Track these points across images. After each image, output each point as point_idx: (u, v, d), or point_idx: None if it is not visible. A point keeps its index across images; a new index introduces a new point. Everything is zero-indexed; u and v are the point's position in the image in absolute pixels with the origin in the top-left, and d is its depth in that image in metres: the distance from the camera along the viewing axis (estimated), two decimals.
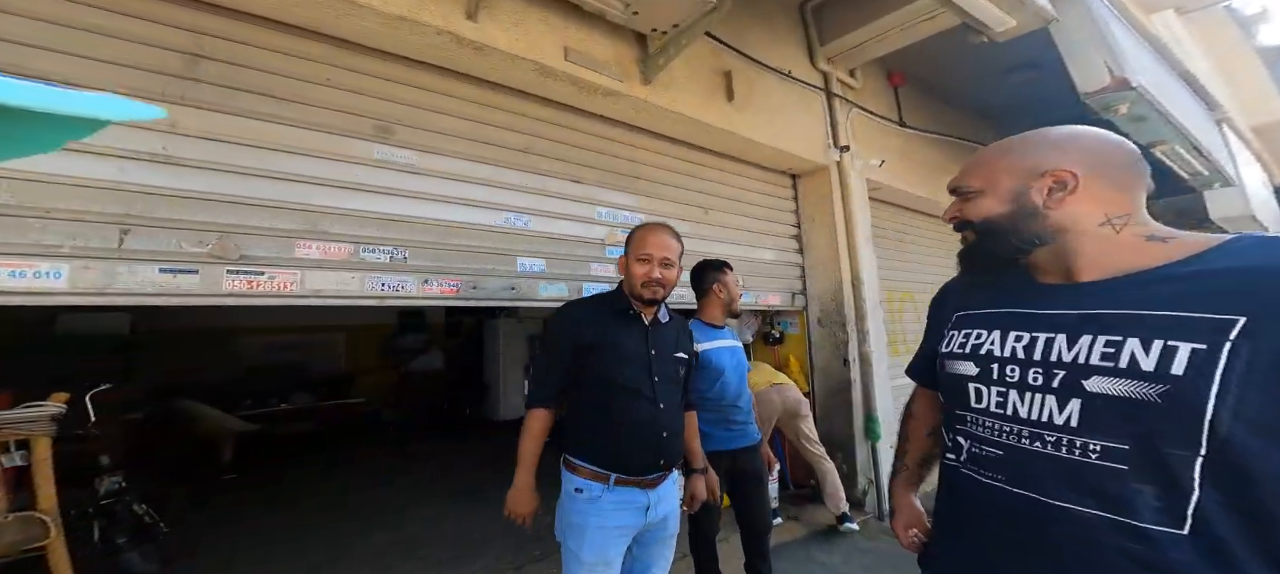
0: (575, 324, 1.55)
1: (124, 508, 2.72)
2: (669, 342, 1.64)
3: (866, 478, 3.54)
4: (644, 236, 1.58)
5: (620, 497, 1.47)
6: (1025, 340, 0.75)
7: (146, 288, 1.43)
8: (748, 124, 3.16)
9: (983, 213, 0.81)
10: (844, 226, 3.70)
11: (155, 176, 1.47)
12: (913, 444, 1.09)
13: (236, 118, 1.65)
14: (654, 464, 1.51)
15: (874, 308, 3.72)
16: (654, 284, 1.53)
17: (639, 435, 1.48)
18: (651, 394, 1.51)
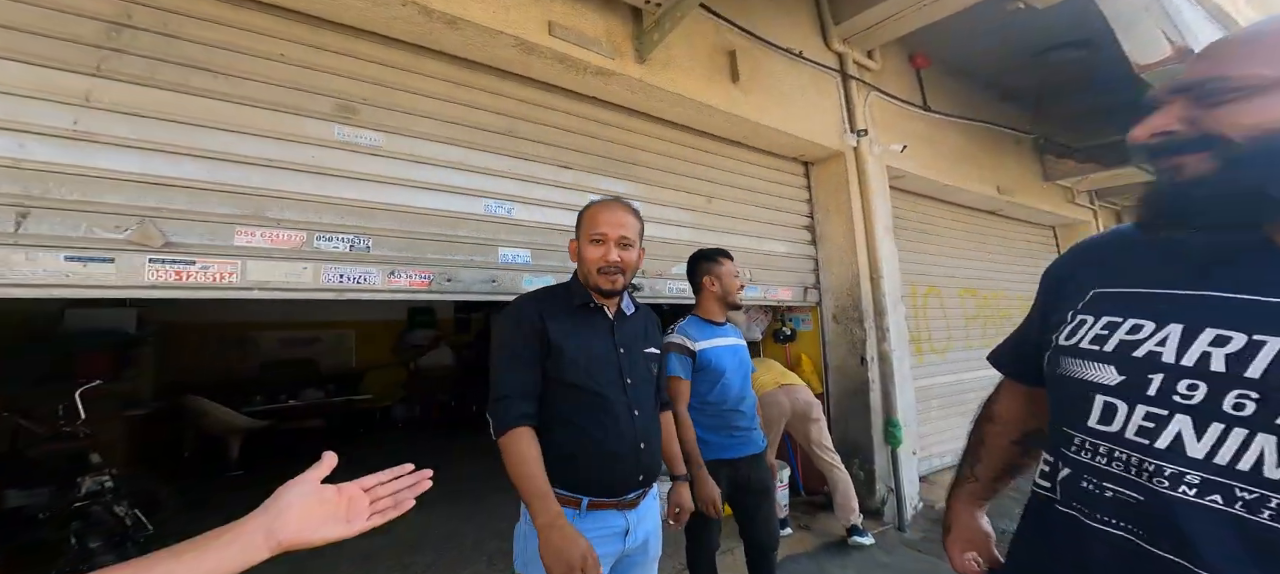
0: (540, 319, 1.29)
1: (103, 509, 2.58)
2: (636, 335, 1.42)
3: (886, 485, 3.28)
4: (595, 215, 1.34)
5: (595, 523, 1.25)
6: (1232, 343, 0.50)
7: (49, 277, 1.25)
8: (755, 107, 2.90)
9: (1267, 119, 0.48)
10: (861, 216, 3.42)
11: (63, 154, 1.29)
12: (989, 452, 0.88)
13: (165, 92, 1.46)
14: (632, 481, 1.29)
15: (895, 303, 3.44)
16: (612, 270, 1.30)
17: (614, 450, 1.26)
18: (625, 400, 1.30)
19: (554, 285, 1.46)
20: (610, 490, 1.26)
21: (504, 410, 1.21)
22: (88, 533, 2.48)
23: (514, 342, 1.27)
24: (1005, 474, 0.90)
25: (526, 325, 1.27)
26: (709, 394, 1.92)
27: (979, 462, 0.89)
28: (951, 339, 4.51)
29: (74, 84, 1.32)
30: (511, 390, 1.22)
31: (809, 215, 3.60)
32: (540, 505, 1.14)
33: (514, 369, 1.24)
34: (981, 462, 0.88)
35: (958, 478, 0.91)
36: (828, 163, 3.54)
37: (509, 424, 1.19)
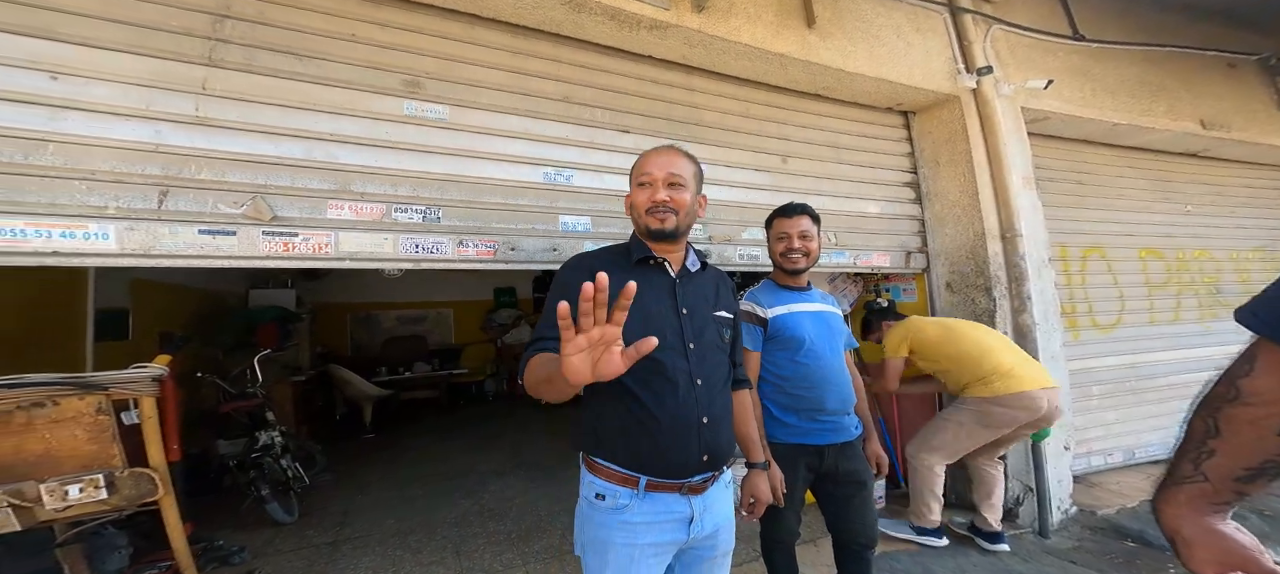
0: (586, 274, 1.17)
1: (273, 461, 3.11)
2: (705, 296, 1.28)
3: (1021, 484, 2.73)
4: (643, 160, 1.26)
5: (654, 506, 1.13)
6: None
7: (188, 249, 1.50)
8: (836, 53, 2.58)
9: None
10: (988, 167, 2.88)
11: (190, 138, 1.54)
12: (1233, 444, 0.66)
13: (262, 77, 1.67)
14: (695, 462, 1.14)
15: (1038, 268, 2.84)
16: (660, 209, 1.19)
17: (672, 423, 1.13)
18: (686, 366, 1.16)
19: (613, 245, 1.36)
20: (670, 470, 1.13)
21: (525, 355, 1.10)
22: (262, 480, 2.98)
23: (560, 294, 1.16)
24: (1261, 474, 0.65)
25: (575, 283, 1.14)
26: (785, 368, 1.68)
27: (1213, 455, 0.67)
28: (1124, 312, 3.59)
29: (193, 74, 1.56)
30: (539, 333, 1.12)
31: (911, 170, 3.13)
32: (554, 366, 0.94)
33: (549, 318, 1.12)
34: (1218, 455, 0.67)
35: (1174, 477, 0.70)
36: (936, 110, 3.03)
37: (529, 353, 1.08)
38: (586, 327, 0.76)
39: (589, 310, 0.75)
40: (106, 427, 1.48)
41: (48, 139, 1.34)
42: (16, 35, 1.34)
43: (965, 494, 2.90)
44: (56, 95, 1.37)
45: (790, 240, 1.73)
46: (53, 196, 1.32)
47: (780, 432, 1.67)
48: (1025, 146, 2.99)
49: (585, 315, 0.75)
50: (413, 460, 4.32)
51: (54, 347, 2.50)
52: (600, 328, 0.76)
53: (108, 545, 1.96)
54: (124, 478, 1.52)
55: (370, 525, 2.99)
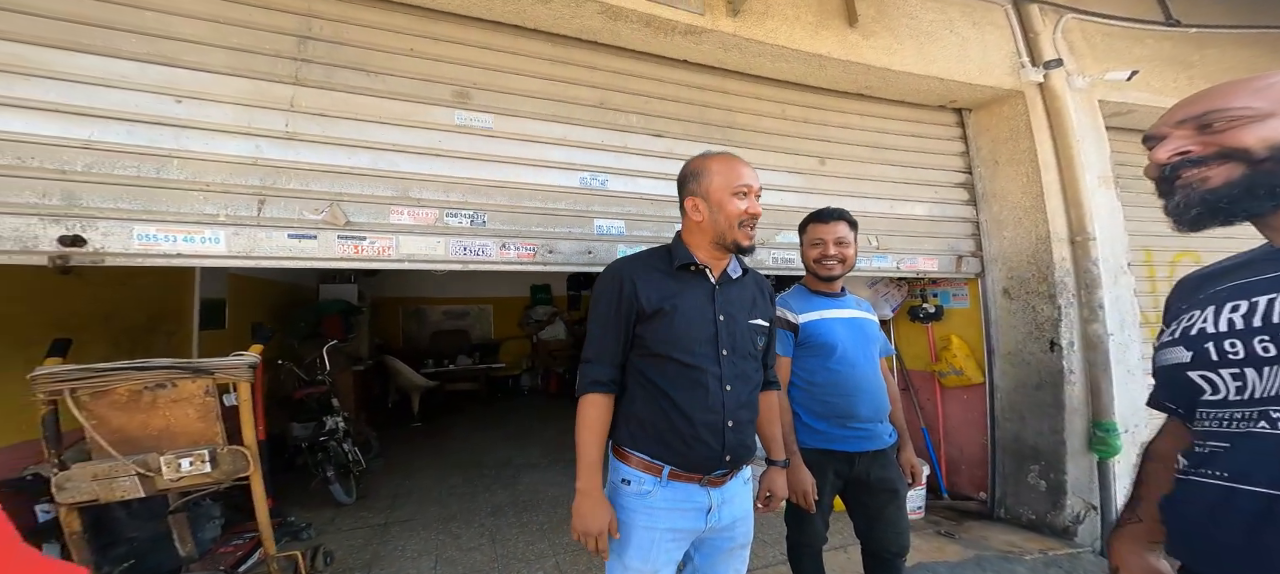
0: (632, 285, 1.24)
1: (337, 445, 3.44)
2: (742, 303, 1.31)
3: (1081, 500, 2.57)
4: (732, 166, 1.26)
5: (675, 494, 1.21)
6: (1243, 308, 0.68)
7: (280, 252, 1.74)
8: (881, 51, 2.52)
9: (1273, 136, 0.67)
10: (1056, 166, 2.70)
11: (282, 151, 1.78)
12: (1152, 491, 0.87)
13: (338, 93, 1.88)
14: (717, 460, 1.22)
15: (1115, 274, 2.65)
16: (751, 225, 1.24)
17: (699, 426, 1.20)
18: (717, 371, 1.22)
19: (654, 248, 1.39)
20: (693, 465, 1.21)
21: (583, 374, 1.25)
22: (327, 463, 3.29)
23: (604, 306, 1.26)
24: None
25: (616, 292, 1.24)
26: (816, 374, 1.69)
27: (1141, 501, 0.88)
28: None
29: (283, 92, 1.80)
30: (593, 354, 1.24)
31: (965, 170, 2.98)
32: (584, 470, 1.19)
33: (601, 333, 1.25)
34: (1145, 501, 0.87)
35: (1119, 521, 0.91)
36: (995, 106, 2.87)
37: (584, 389, 1.23)
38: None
39: None
40: (212, 407, 1.74)
41: (174, 155, 1.63)
42: (150, 64, 1.63)
43: (1016, 511, 2.75)
44: (181, 117, 1.66)
45: (825, 246, 1.73)
46: (178, 206, 1.61)
47: (810, 437, 1.68)
48: (1103, 143, 2.76)
49: None
50: (455, 449, 4.66)
51: (169, 334, 2.95)
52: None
53: (205, 515, 2.31)
54: (224, 454, 1.77)
55: (416, 510, 3.27)
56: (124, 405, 1.73)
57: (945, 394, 3.12)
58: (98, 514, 1.93)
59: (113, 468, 1.66)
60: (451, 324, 7.56)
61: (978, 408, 2.96)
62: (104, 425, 1.70)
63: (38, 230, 1.42)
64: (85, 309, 2.42)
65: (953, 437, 3.10)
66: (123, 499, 1.67)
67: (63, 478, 1.64)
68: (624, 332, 1.23)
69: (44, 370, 1.65)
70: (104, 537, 2.04)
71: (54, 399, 1.65)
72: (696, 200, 1.28)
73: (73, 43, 1.55)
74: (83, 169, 1.50)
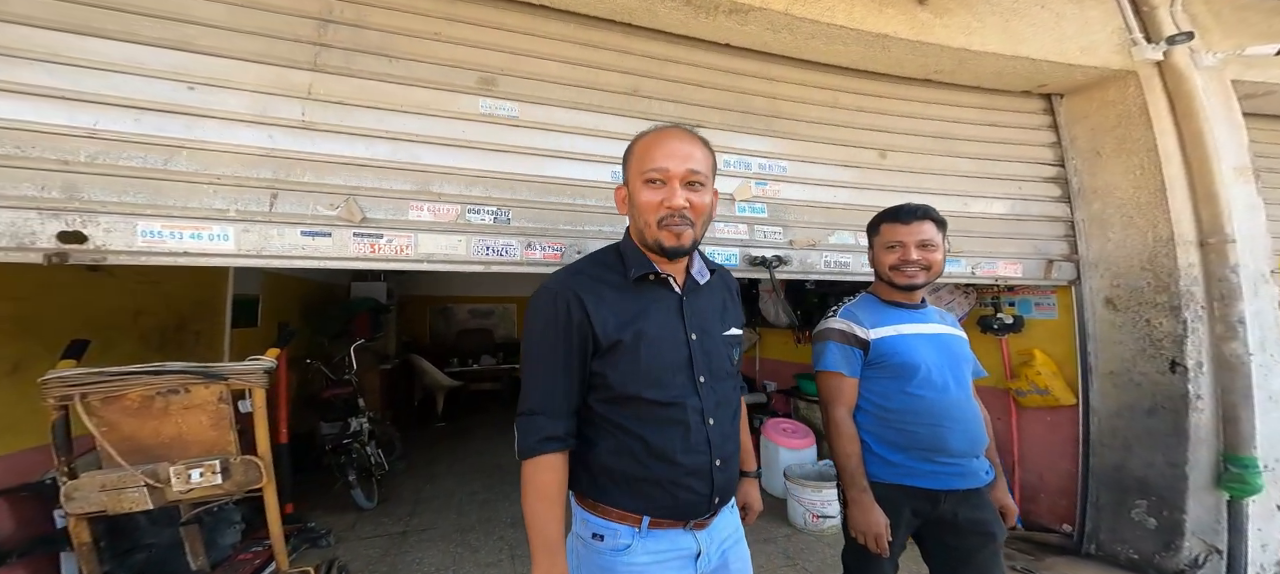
0: (581, 310, 0.97)
1: (360, 447, 3.37)
2: (712, 313, 1.09)
3: (1203, 542, 2.21)
4: (648, 146, 1.01)
5: (658, 545, 1.00)
6: None
7: (292, 250, 1.62)
8: (957, 31, 2.22)
9: None
10: (1179, 156, 2.33)
11: (297, 142, 1.66)
12: None
13: (358, 80, 1.76)
14: (704, 504, 1.03)
15: (1255, 283, 2.27)
16: (676, 220, 0.96)
17: (681, 472, 0.99)
18: (697, 404, 1.00)
19: (598, 253, 1.12)
20: (677, 513, 1.01)
21: (525, 430, 0.96)
22: (350, 466, 3.21)
23: (544, 340, 0.98)
24: None
25: (561, 319, 0.97)
26: (892, 399, 1.44)
27: None
28: None
29: (300, 79, 1.68)
30: (538, 403, 0.96)
31: (1056, 163, 2.63)
32: (543, 560, 0.92)
33: (546, 375, 0.97)
34: None
35: None
36: (1096, 90, 2.51)
37: (534, 450, 0.94)
38: None
39: None
40: (226, 415, 1.66)
41: (182, 146, 1.53)
42: (162, 49, 1.54)
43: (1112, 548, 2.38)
44: (193, 105, 1.56)
45: (906, 250, 1.46)
46: (186, 200, 1.51)
47: (883, 470, 1.44)
48: (1239, 129, 2.37)
49: None
50: (476, 452, 4.57)
51: (198, 333, 2.93)
52: None
53: (225, 521, 2.24)
54: (237, 464, 1.68)
55: (436, 518, 3.17)
56: (135, 412, 1.65)
57: (1022, 415, 2.76)
58: (116, 520, 1.88)
59: (121, 478, 1.57)
60: (476, 323, 7.59)
61: (1065, 432, 2.60)
62: (114, 432, 1.62)
63: (36, 225, 1.34)
64: (113, 307, 2.41)
65: (1031, 462, 2.75)
66: (131, 512, 1.58)
67: (72, 487, 1.56)
68: (579, 369, 0.98)
69: (55, 374, 1.58)
70: (122, 543, 1.99)
71: (65, 404, 1.58)
72: (620, 191, 1.08)
73: (83, 26, 1.47)
74: (86, 159, 1.41)
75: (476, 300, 7.60)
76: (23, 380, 1.91)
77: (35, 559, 1.87)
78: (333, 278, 5.15)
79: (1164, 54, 2.29)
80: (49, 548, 1.87)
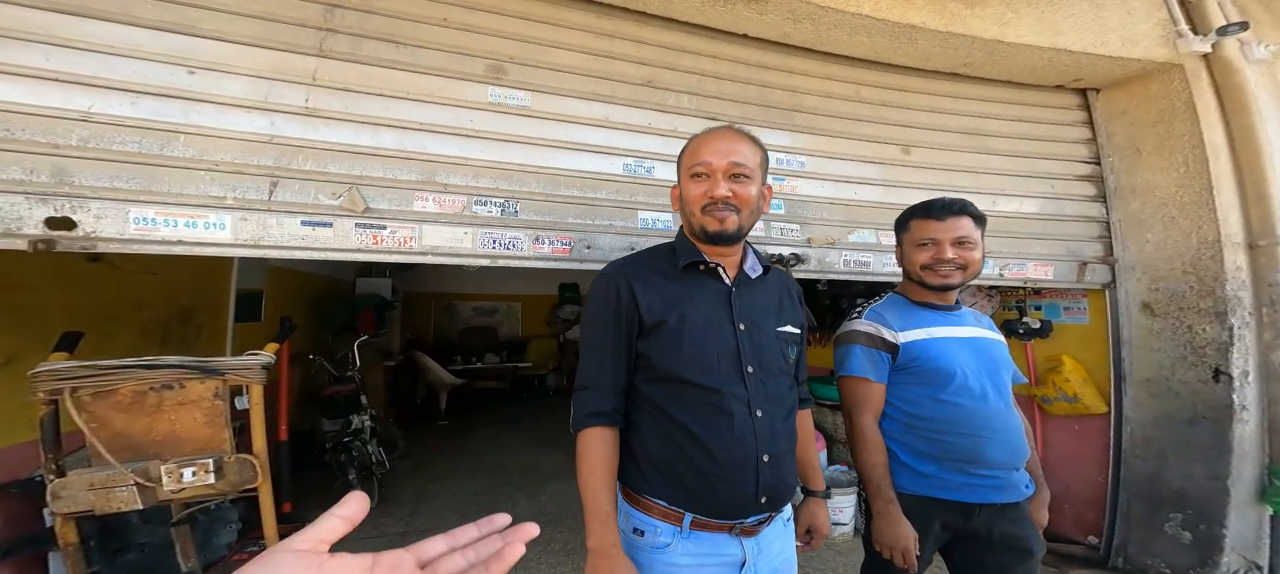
0: (630, 292, 1.04)
1: (362, 445, 3.29)
2: (766, 308, 1.10)
3: (1243, 558, 2.11)
4: (697, 145, 1.07)
5: (700, 547, 0.99)
6: None
7: (291, 240, 1.56)
8: (991, 22, 2.12)
9: None
10: (1227, 153, 2.22)
11: (300, 129, 1.60)
12: None
13: (365, 66, 1.70)
14: (750, 504, 1.00)
15: None
16: (719, 206, 1.01)
17: (726, 463, 0.98)
18: (743, 394, 1.00)
19: (656, 246, 1.18)
20: (720, 510, 0.99)
21: (578, 404, 1.04)
22: (350, 464, 3.12)
23: (598, 320, 1.05)
24: None
25: (611, 301, 1.04)
26: (923, 407, 1.35)
27: None
28: None
29: (305, 65, 1.62)
30: (590, 379, 1.03)
31: (1092, 160, 2.52)
32: (595, 526, 0.95)
33: (597, 354, 1.04)
34: None
35: None
36: (1136, 84, 2.41)
37: (582, 423, 1.02)
38: None
39: None
40: (221, 411, 1.59)
41: (180, 131, 1.47)
42: (163, 32, 1.48)
43: (1141, 561, 2.26)
44: (193, 89, 1.50)
45: (941, 248, 1.35)
46: (182, 187, 1.45)
47: (911, 481, 1.34)
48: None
49: None
50: (479, 451, 4.48)
51: (201, 327, 2.87)
52: None
53: (222, 520, 2.17)
54: (231, 463, 1.62)
55: (437, 519, 3.08)
56: (127, 407, 1.58)
57: (1048, 422, 2.65)
58: (107, 519, 1.81)
59: (110, 477, 1.51)
60: (481, 320, 7.50)
61: (1094, 441, 2.49)
62: (105, 429, 1.56)
63: (22, 210, 1.28)
64: (114, 299, 2.35)
65: (1055, 471, 2.63)
66: (120, 511, 1.51)
67: (59, 485, 1.50)
68: (626, 349, 1.04)
69: (45, 367, 1.52)
70: (113, 542, 1.93)
71: (54, 399, 1.51)
72: (675, 191, 1.14)
73: (80, 7, 1.41)
74: (78, 143, 1.35)
75: (481, 298, 7.52)
76: (15, 373, 1.86)
77: (22, 558, 1.81)
78: (338, 273, 5.10)
79: (1213, 45, 2.18)
80: (36, 547, 1.81)
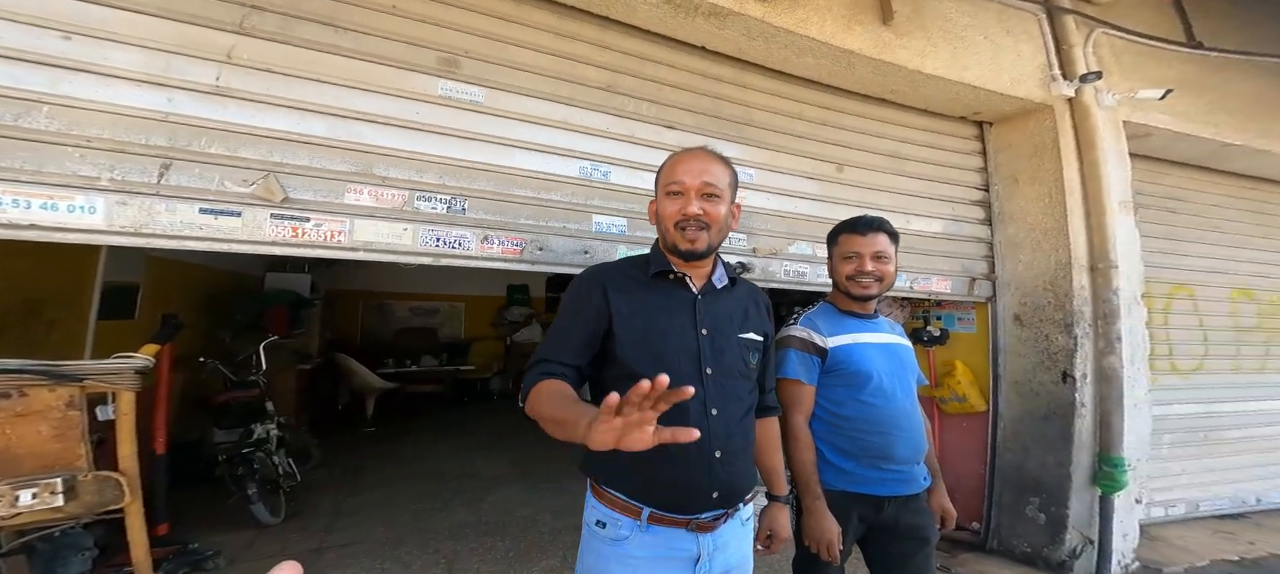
0: (603, 292, 1.10)
1: (265, 456, 2.93)
2: (730, 316, 1.17)
3: (1080, 535, 2.47)
4: (673, 164, 1.14)
5: (656, 541, 1.03)
6: None
7: (186, 230, 1.36)
8: (914, 54, 2.32)
9: None
10: (1080, 189, 2.58)
11: (205, 108, 1.40)
12: None
13: (296, 48, 1.54)
14: (704, 499, 1.04)
15: (1130, 304, 2.56)
16: (690, 224, 1.07)
17: (681, 457, 0.98)
18: (700, 394, 1.06)
19: (636, 256, 1.25)
20: (675, 504, 1.04)
21: (530, 372, 1.03)
22: (249, 478, 2.75)
23: (568, 310, 1.12)
24: None
25: (585, 297, 1.11)
26: (845, 407, 1.46)
27: None
28: (1207, 357, 3.27)
29: (219, 40, 1.43)
30: (548, 352, 1.05)
31: (982, 187, 2.84)
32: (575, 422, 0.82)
33: (562, 332, 1.09)
34: None
35: None
36: (1019, 120, 2.73)
37: (527, 384, 1.00)
38: (630, 418, 0.69)
39: (639, 404, 0.67)
40: (75, 424, 1.34)
41: (43, 101, 1.21)
42: None
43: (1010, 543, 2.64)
44: (66, 56, 1.26)
45: (862, 261, 1.48)
46: (40, 163, 1.19)
47: (835, 478, 1.45)
48: (1125, 166, 2.68)
49: (635, 407, 0.67)
50: (412, 458, 4.21)
51: (55, 323, 2.38)
52: (641, 414, 0.68)
53: (72, 546, 1.81)
54: (86, 482, 1.37)
55: (360, 531, 2.84)
56: None
57: (944, 421, 2.99)
58: None
59: None
60: (419, 321, 6.96)
61: (978, 437, 2.85)
62: None
63: None
64: None
65: (949, 465, 2.98)
66: None
67: None
68: (588, 337, 1.08)
69: None
70: None
71: None
72: (651, 207, 1.20)
73: None
74: None
75: (420, 298, 6.98)
76: None
77: None
78: (244, 266, 4.47)
79: (1075, 91, 2.56)
80: None
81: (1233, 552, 2.74)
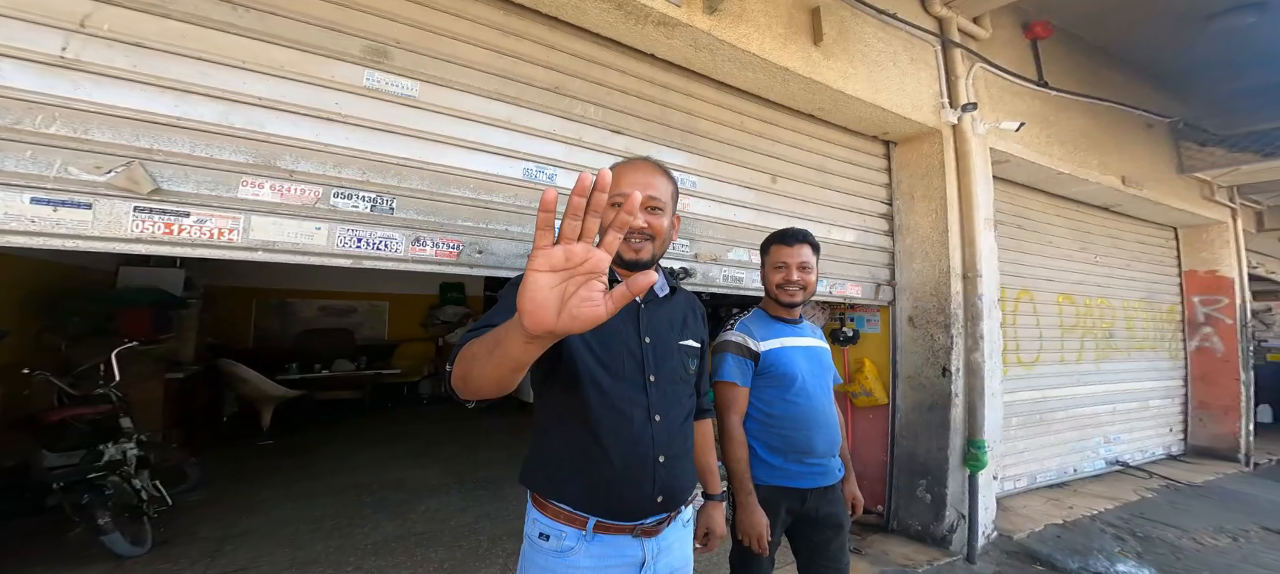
0: None
1: (122, 480, 2.50)
2: (671, 323, 1.18)
3: (955, 511, 2.88)
4: (617, 176, 1.11)
5: (603, 550, 1.03)
6: None
7: (9, 223, 1.09)
8: (837, 74, 2.49)
9: None
10: (957, 205, 2.96)
11: (45, 82, 1.12)
12: None
13: (178, 22, 1.28)
14: (648, 504, 1.05)
15: (991, 308, 3.00)
16: (635, 237, 1.07)
17: (625, 463, 1.03)
18: (643, 400, 1.06)
19: None
20: (621, 511, 1.03)
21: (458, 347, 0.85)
22: (99, 504, 2.32)
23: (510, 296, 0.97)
24: None
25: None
26: (774, 406, 1.57)
27: None
28: (1042, 351, 3.97)
29: (69, 6, 1.16)
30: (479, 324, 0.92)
31: (887, 202, 3.16)
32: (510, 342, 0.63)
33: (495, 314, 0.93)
34: None
35: None
36: (916, 142, 3.06)
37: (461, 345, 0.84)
38: (571, 233, 0.51)
39: (581, 210, 0.50)
40: None
41: None
42: None
43: (906, 522, 3.01)
44: None
45: (789, 271, 1.60)
46: None
47: (765, 474, 1.56)
48: (990, 187, 3.12)
49: (574, 216, 0.50)
50: (326, 472, 3.78)
51: None
52: (586, 246, 0.52)
53: None
54: None
55: (255, 555, 2.51)
56: None
57: (855, 414, 3.32)
58: None
59: None
60: (331, 322, 6.16)
61: (881, 427, 3.20)
62: None
63: None
64: None
65: (858, 455, 3.32)
66: None
67: None
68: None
69: None
70: None
71: None
72: None
73: None
74: None
75: (333, 296, 6.17)
76: None
77: None
78: (88, 262, 3.57)
79: (958, 118, 2.96)
80: None
81: (1058, 516, 3.39)
